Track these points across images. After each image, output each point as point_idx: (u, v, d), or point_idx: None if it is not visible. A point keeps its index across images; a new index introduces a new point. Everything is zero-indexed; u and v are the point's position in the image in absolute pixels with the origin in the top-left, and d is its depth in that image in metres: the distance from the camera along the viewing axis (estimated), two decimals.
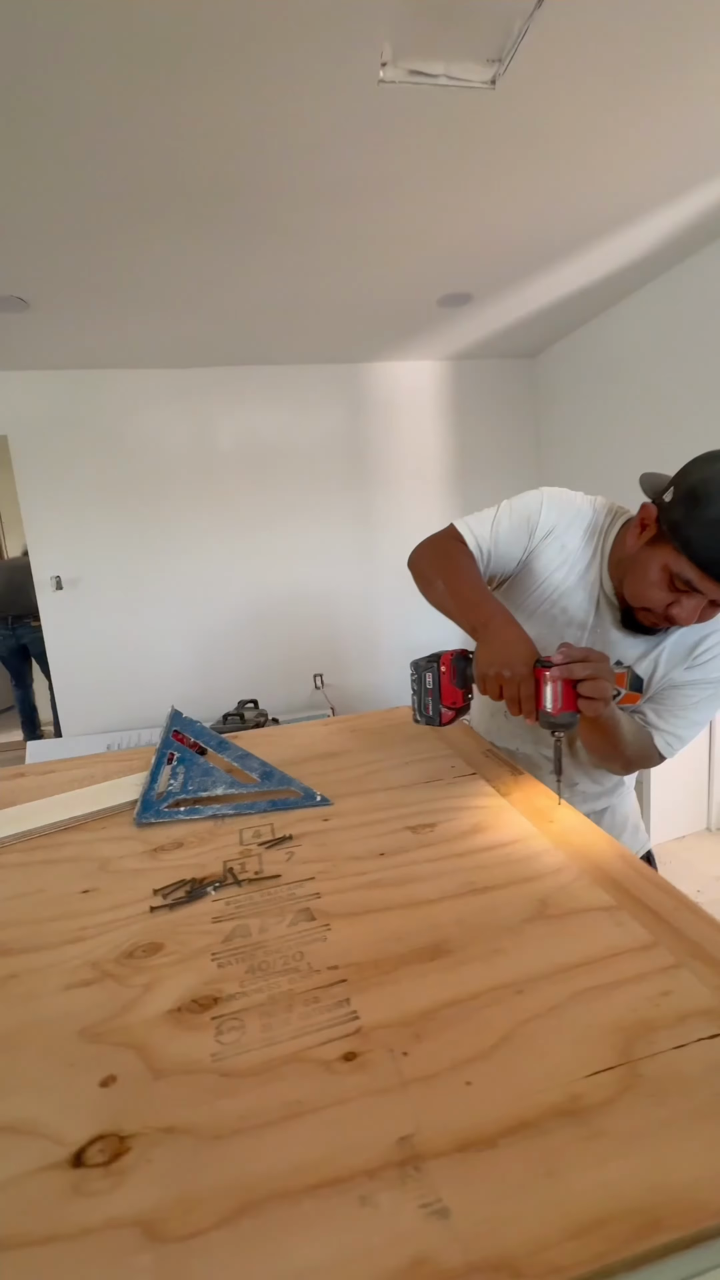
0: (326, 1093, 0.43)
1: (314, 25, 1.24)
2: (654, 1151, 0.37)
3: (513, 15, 1.23)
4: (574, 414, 3.64)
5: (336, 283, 2.52)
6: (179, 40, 1.27)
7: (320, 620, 3.93)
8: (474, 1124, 0.40)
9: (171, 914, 0.66)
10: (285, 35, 1.26)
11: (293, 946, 0.59)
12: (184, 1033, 0.50)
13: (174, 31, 1.25)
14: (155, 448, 3.52)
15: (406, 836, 0.78)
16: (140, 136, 1.56)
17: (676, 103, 1.59)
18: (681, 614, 0.79)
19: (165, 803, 0.91)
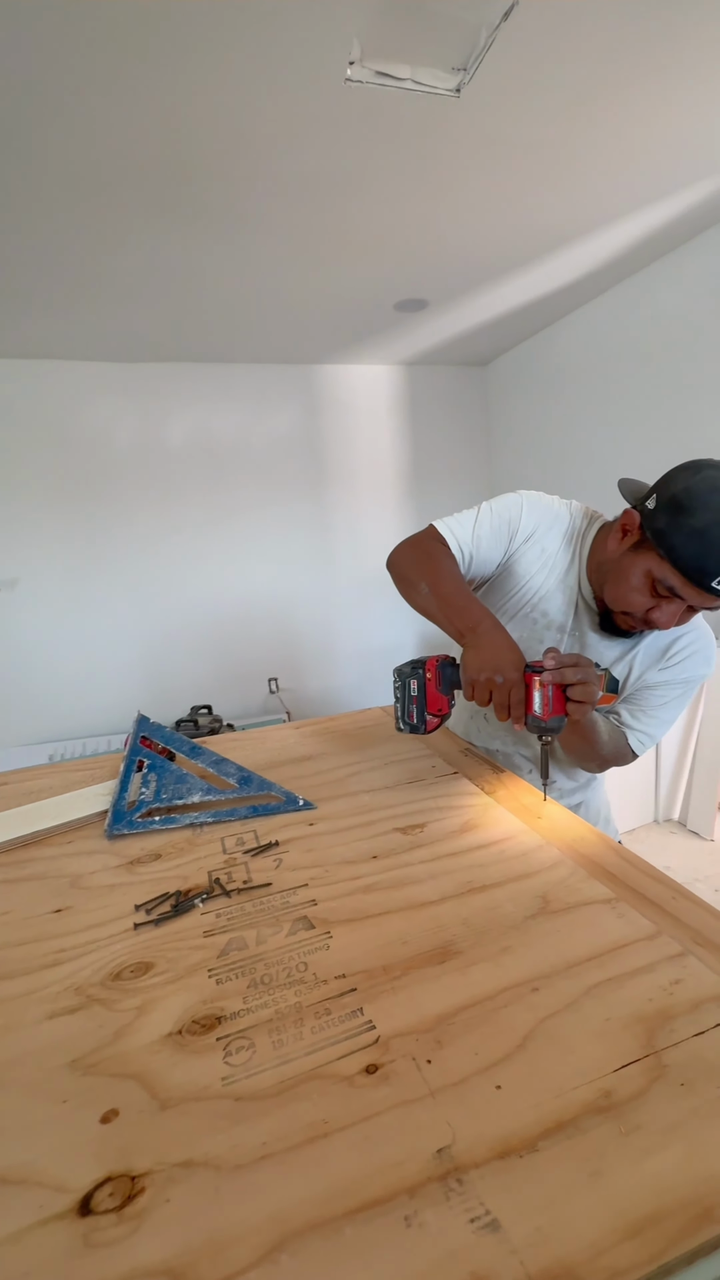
0: (352, 1109, 0.41)
1: (285, 14, 1.22)
2: (692, 1141, 0.37)
3: (479, 26, 1.25)
4: (523, 422, 3.75)
5: (294, 280, 2.50)
6: (140, 16, 1.22)
7: (275, 623, 3.87)
8: (511, 1129, 0.38)
9: (157, 930, 0.62)
10: (255, 21, 1.24)
11: (295, 957, 0.56)
12: (188, 1057, 0.46)
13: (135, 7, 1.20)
14: (102, 443, 3.38)
15: (397, 838, 0.77)
16: (94, 113, 1.49)
17: (631, 124, 1.67)
18: (662, 618, 0.81)
19: (138, 812, 0.86)
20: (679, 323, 2.56)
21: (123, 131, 1.57)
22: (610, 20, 1.31)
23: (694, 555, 0.74)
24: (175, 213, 1.95)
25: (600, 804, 1.12)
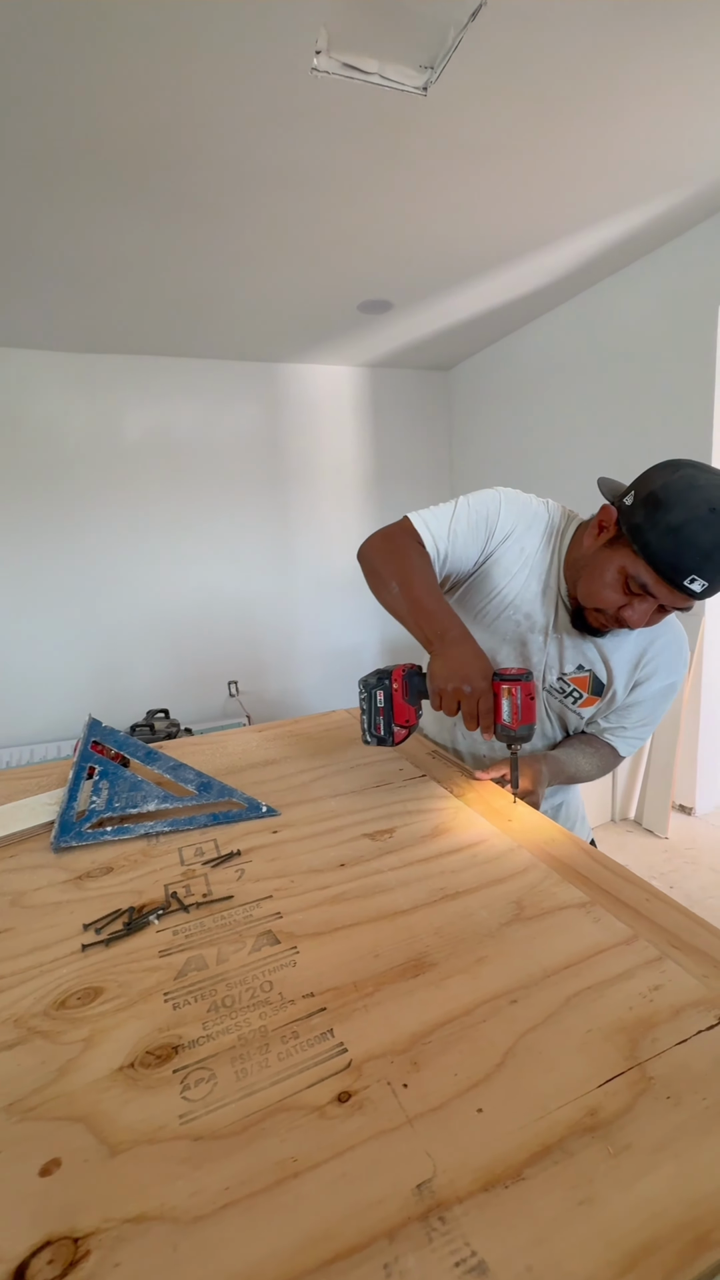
0: (324, 1143, 0.38)
1: None
2: (682, 1159, 0.35)
3: (447, 25, 1.25)
4: (485, 426, 3.80)
5: (257, 275, 2.45)
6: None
7: (235, 624, 3.79)
8: (495, 1156, 0.36)
9: (108, 951, 0.57)
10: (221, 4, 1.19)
11: (259, 976, 0.52)
12: (141, 1093, 0.42)
13: None
14: (54, 436, 3.23)
15: (365, 844, 0.74)
16: (52, 96, 1.42)
17: (593, 137, 1.70)
18: (633, 616, 0.80)
19: (88, 823, 0.81)
20: (634, 334, 2.64)
21: (81, 115, 1.49)
22: (574, 33, 1.32)
23: (668, 552, 0.73)
24: (134, 200, 1.88)
25: (577, 804, 1.12)
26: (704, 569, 0.72)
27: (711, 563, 0.72)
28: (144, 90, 1.44)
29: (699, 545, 0.71)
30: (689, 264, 2.36)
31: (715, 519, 0.71)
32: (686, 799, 2.68)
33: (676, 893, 2.15)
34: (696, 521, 0.71)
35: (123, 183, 1.79)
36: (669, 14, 1.29)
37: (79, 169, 1.72)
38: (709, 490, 0.73)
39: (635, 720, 0.98)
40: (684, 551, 0.72)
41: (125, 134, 1.59)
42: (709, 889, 2.17)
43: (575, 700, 0.96)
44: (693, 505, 0.72)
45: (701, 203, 2.13)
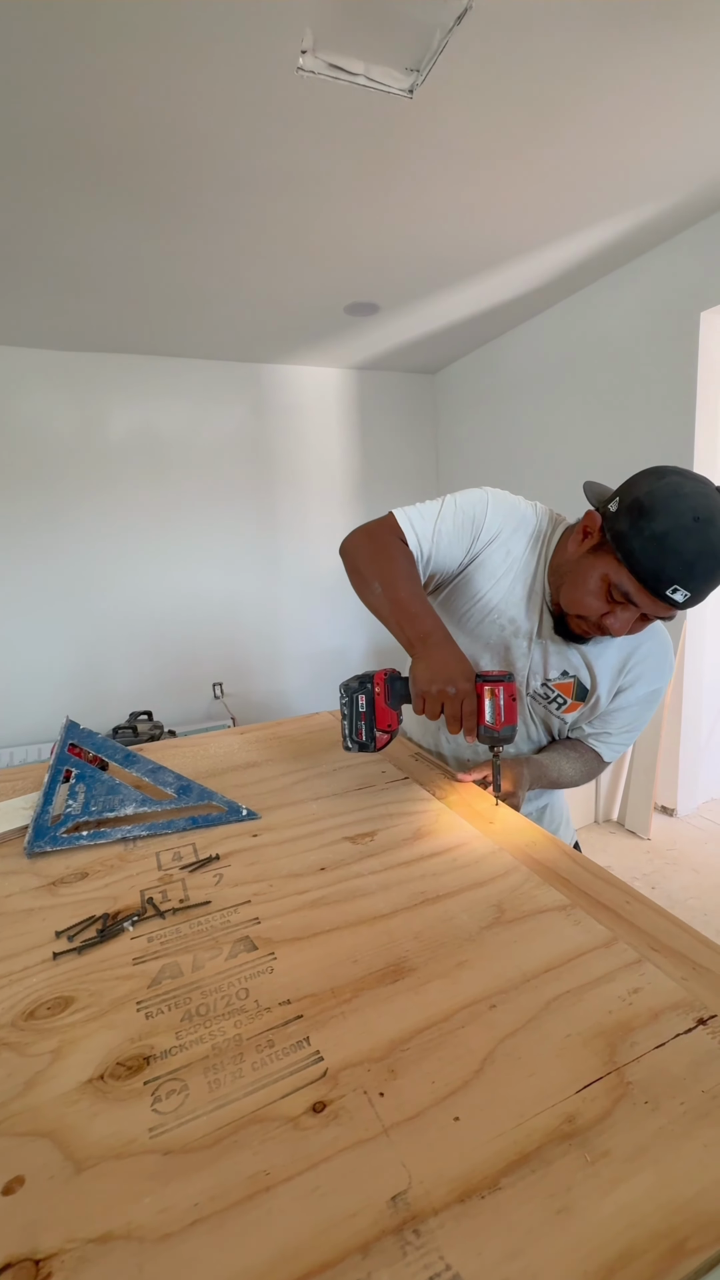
0: (297, 1155, 0.37)
1: None
2: (660, 1165, 0.35)
3: (433, 27, 1.25)
4: (470, 429, 3.82)
5: (242, 275, 2.44)
6: None
7: (220, 625, 3.76)
8: (471, 1166, 0.35)
9: (80, 959, 0.56)
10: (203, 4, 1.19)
11: (235, 983, 0.51)
12: (111, 1106, 0.41)
13: None
14: (37, 434, 3.19)
15: (346, 848, 0.73)
16: (33, 90, 1.39)
17: (581, 141, 1.71)
18: (615, 625, 0.79)
19: (63, 827, 0.79)
20: (618, 341, 2.67)
21: (65, 113, 1.48)
22: (559, 39, 1.34)
23: (651, 560, 0.72)
24: (119, 199, 1.86)
25: (562, 806, 1.12)
26: (687, 579, 0.71)
27: (694, 573, 0.71)
28: (128, 89, 1.42)
29: (682, 555, 0.70)
30: (672, 271, 2.39)
31: (699, 528, 0.70)
32: (668, 800, 2.71)
33: (658, 893, 2.16)
34: (680, 530, 0.70)
35: (108, 182, 1.77)
36: (653, 22, 1.31)
37: (64, 167, 1.69)
38: (693, 498, 0.71)
39: (619, 726, 0.97)
40: (667, 561, 0.71)
41: (110, 132, 1.57)
42: (689, 889, 2.19)
43: (559, 706, 0.96)
44: (677, 513, 0.71)
45: (684, 210, 2.16)
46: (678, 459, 2.43)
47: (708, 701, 2.71)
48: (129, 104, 1.48)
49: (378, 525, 0.90)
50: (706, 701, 2.70)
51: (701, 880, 2.24)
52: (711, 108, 1.61)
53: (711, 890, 2.18)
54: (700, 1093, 0.39)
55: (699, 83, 1.51)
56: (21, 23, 1.23)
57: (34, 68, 1.35)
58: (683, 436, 2.42)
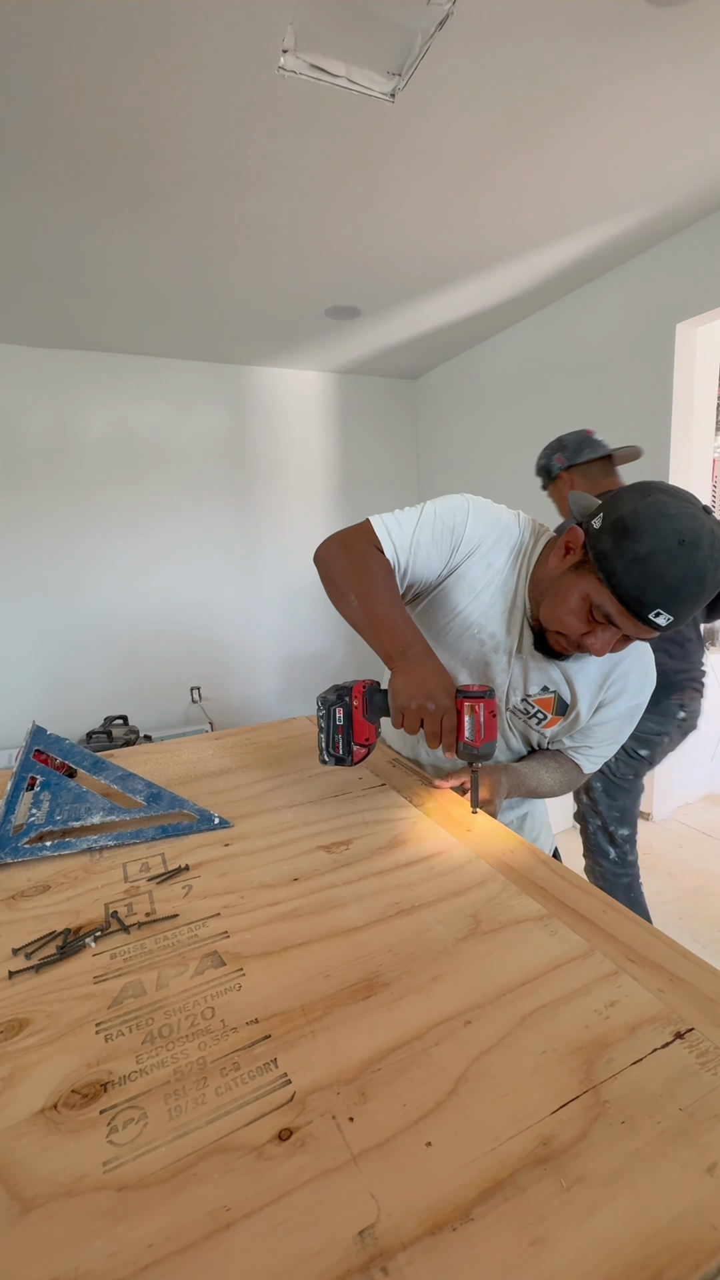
0: (260, 1187, 0.35)
1: None
2: (636, 1190, 0.34)
3: (415, 32, 1.25)
4: (450, 435, 3.83)
5: (221, 274, 2.41)
6: None
7: (198, 629, 3.71)
8: (443, 1195, 0.34)
9: (38, 978, 0.53)
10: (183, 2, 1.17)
11: (200, 1002, 0.49)
12: (63, 1138, 0.38)
13: None
14: (7, 433, 3.11)
15: (320, 857, 0.71)
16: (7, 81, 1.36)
17: (560, 151, 1.73)
18: (596, 645, 0.77)
19: (25, 837, 0.76)
20: (596, 350, 2.71)
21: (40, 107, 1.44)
22: (541, 49, 1.35)
23: (634, 584, 0.69)
24: (95, 193, 1.83)
25: (542, 814, 1.11)
26: (670, 604, 0.69)
27: (677, 598, 0.68)
28: (108, 84, 1.40)
29: (665, 579, 0.68)
30: (649, 282, 2.43)
31: (683, 552, 0.67)
32: (645, 805, 2.73)
33: None
34: (664, 554, 0.67)
35: (85, 176, 1.74)
36: (633, 35, 1.32)
37: (40, 161, 1.66)
38: (678, 520, 0.68)
39: (600, 739, 0.96)
40: (650, 584, 0.68)
41: (88, 127, 1.54)
42: (665, 893, 2.21)
43: (539, 721, 0.94)
44: (661, 536, 0.68)
45: (661, 222, 2.19)
46: (653, 468, 2.47)
47: None
48: (108, 99, 1.45)
49: (353, 533, 0.87)
50: None
51: (677, 884, 2.26)
52: (690, 121, 1.64)
53: (687, 894, 2.20)
54: (677, 1111, 0.38)
55: (679, 96, 1.53)
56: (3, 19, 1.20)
57: (12, 62, 1.32)
58: (659, 445, 2.45)
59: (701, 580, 0.68)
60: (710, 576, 0.68)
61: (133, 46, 1.31)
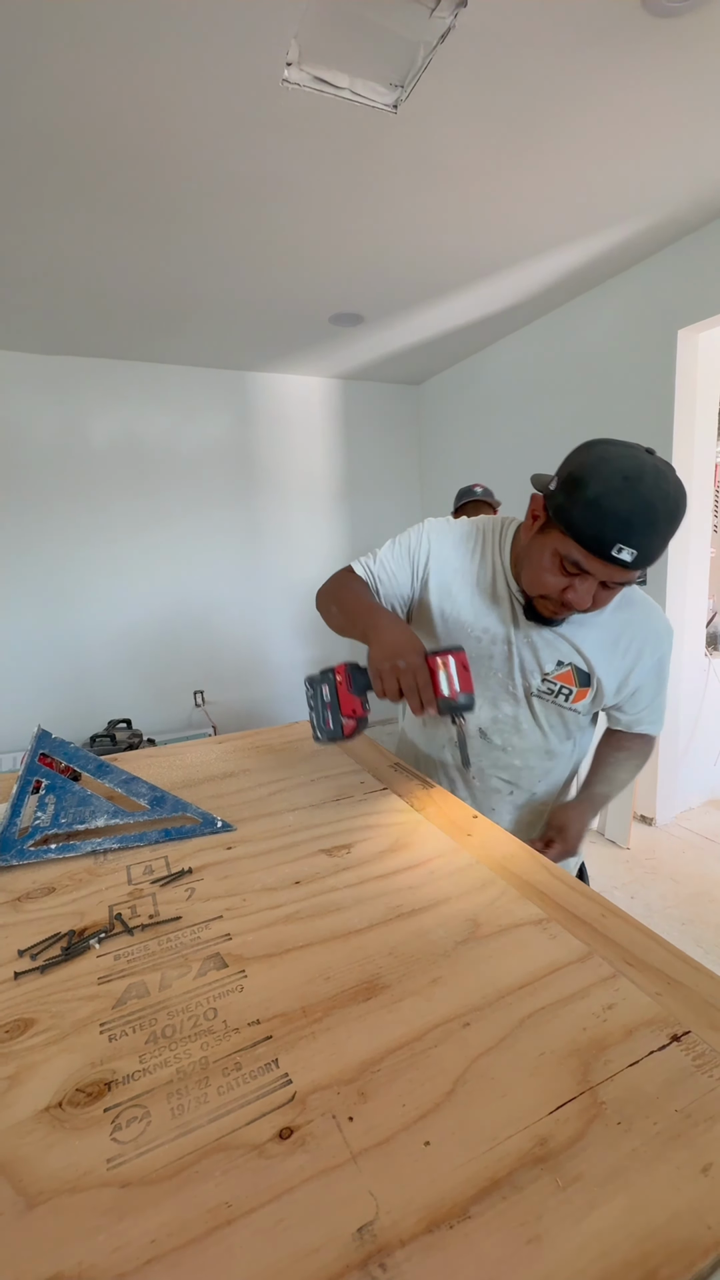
0: (261, 1185, 0.35)
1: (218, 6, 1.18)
2: (632, 1190, 0.34)
3: (418, 44, 1.27)
4: (453, 440, 3.85)
5: (226, 282, 2.43)
6: None
7: (202, 633, 3.72)
8: (441, 1193, 0.34)
9: (43, 978, 0.54)
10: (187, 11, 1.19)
11: (203, 1003, 0.50)
12: (67, 1136, 0.39)
13: None
14: (13, 439, 3.14)
15: (321, 860, 0.72)
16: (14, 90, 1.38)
17: (562, 160, 1.74)
18: (576, 598, 0.81)
19: (31, 840, 0.77)
20: (597, 356, 2.72)
21: (46, 116, 1.47)
22: (542, 60, 1.36)
23: (590, 525, 0.75)
24: (102, 204, 1.86)
25: None
26: (628, 537, 0.73)
27: (634, 530, 0.73)
28: (113, 95, 1.42)
29: (618, 514, 0.73)
30: (650, 289, 2.44)
31: (629, 486, 0.73)
32: (647, 810, 2.73)
33: (637, 903, 2.17)
34: (613, 493, 0.73)
35: (91, 187, 1.76)
36: (634, 44, 1.34)
37: (47, 172, 1.68)
38: (621, 461, 0.75)
39: (647, 699, 1.00)
40: (605, 522, 0.74)
41: (95, 139, 1.56)
42: (667, 898, 2.20)
43: (567, 697, 0.95)
44: (606, 477, 0.74)
45: (662, 230, 2.21)
46: None
47: (684, 711, 2.74)
48: (113, 112, 1.47)
49: (335, 574, 1.02)
50: (683, 711, 2.73)
51: (680, 889, 2.25)
52: (689, 130, 1.65)
53: (690, 899, 2.19)
54: (673, 1112, 0.38)
55: (678, 105, 1.55)
56: (4, 28, 1.23)
57: (16, 73, 1.34)
58: (660, 450, 2.45)
59: (650, 510, 0.73)
60: (659, 507, 0.73)
61: (137, 61, 1.33)
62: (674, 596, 2.55)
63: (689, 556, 2.57)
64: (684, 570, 2.57)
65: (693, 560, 2.60)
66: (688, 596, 2.61)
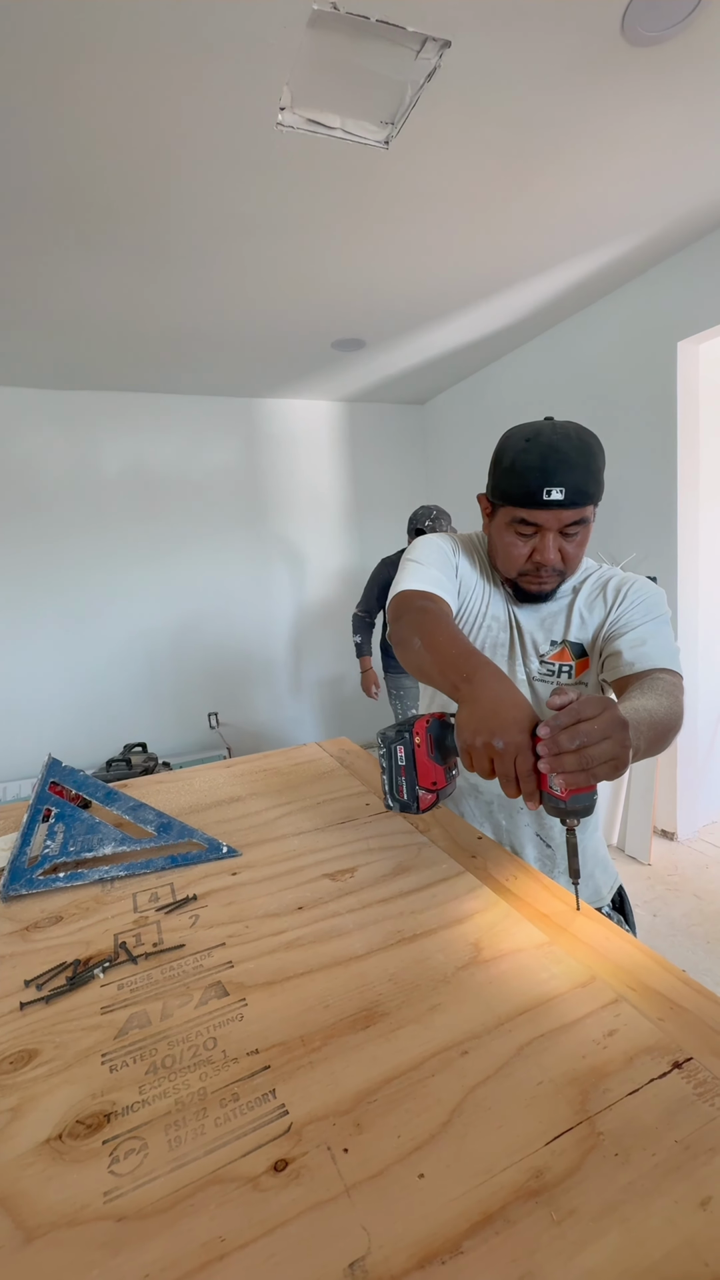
0: (255, 1219, 0.35)
1: (217, 54, 1.24)
2: (628, 1225, 0.34)
3: (405, 85, 1.31)
4: (459, 458, 3.88)
5: (230, 315, 2.51)
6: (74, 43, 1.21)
7: (215, 656, 3.76)
8: (434, 1227, 0.34)
9: (48, 1009, 0.55)
10: (188, 58, 1.25)
11: (204, 1032, 0.50)
12: (66, 1169, 0.39)
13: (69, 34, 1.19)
14: (30, 471, 3.24)
15: (325, 885, 0.72)
16: (19, 135, 1.46)
17: (552, 185, 1.78)
18: (543, 553, 0.87)
19: (40, 868, 0.78)
20: (599, 371, 2.74)
21: (50, 161, 1.54)
22: (526, 92, 1.40)
23: (517, 485, 0.84)
24: (109, 245, 1.93)
25: (596, 844, 1.01)
26: (549, 479, 0.82)
27: (550, 472, 0.81)
28: (118, 142, 1.48)
29: (531, 465, 0.83)
30: (648, 303, 2.46)
31: (533, 443, 0.84)
32: (668, 824, 2.67)
33: (660, 921, 2.12)
34: (522, 453, 0.84)
35: (98, 229, 1.84)
36: (613, 76, 1.37)
37: (56, 215, 1.76)
38: (523, 429, 0.87)
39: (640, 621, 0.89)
40: (526, 477, 0.83)
41: (101, 183, 1.63)
42: (692, 915, 2.15)
43: (569, 674, 0.94)
44: (515, 445, 0.86)
45: (655, 246, 2.23)
46: (661, 484, 2.47)
47: (703, 722, 2.70)
48: (119, 156, 1.54)
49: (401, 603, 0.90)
50: (702, 722, 2.69)
51: (704, 906, 2.20)
52: (675, 150, 1.68)
53: (715, 917, 2.13)
54: (673, 1143, 0.38)
55: (663, 129, 1.57)
56: (14, 80, 1.29)
57: (15, 118, 1.41)
58: (666, 460, 2.46)
59: (557, 451, 0.82)
60: (563, 446, 0.82)
61: (142, 112, 1.39)
62: (686, 606, 2.52)
63: (700, 566, 2.55)
64: (695, 580, 2.55)
65: (704, 569, 2.58)
66: (700, 606, 2.58)
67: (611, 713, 0.56)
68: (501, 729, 0.61)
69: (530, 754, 0.59)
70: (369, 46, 1.22)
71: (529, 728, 0.61)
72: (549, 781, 0.58)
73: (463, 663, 0.72)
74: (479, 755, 0.63)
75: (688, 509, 2.48)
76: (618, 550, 2.65)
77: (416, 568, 0.94)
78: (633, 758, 0.58)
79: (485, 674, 0.69)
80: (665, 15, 1.22)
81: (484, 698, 0.66)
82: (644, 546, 2.59)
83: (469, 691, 0.68)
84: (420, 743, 0.72)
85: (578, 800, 0.57)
